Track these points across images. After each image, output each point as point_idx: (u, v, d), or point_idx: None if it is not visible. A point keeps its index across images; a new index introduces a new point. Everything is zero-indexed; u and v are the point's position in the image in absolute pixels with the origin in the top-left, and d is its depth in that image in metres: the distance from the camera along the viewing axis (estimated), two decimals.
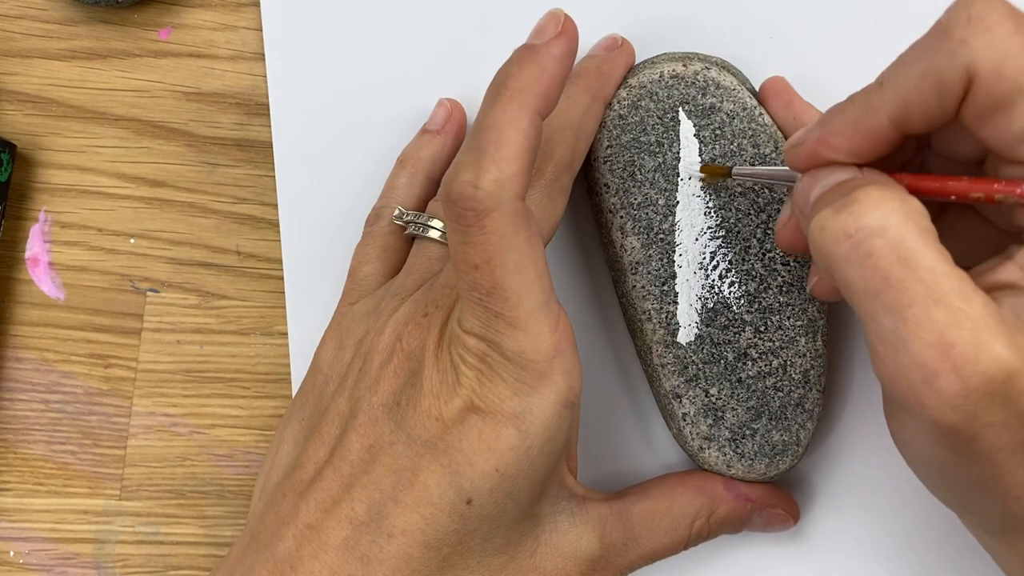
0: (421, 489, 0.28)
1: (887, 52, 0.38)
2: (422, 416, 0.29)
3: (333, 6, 0.40)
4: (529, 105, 0.27)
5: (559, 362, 0.28)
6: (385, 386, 0.30)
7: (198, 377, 0.40)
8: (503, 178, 0.26)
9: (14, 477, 0.40)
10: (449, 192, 0.27)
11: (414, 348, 0.30)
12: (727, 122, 0.35)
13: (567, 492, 0.31)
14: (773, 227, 0.34)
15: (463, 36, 0.39)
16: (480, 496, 0.28)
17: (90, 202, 0.41)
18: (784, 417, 0.35)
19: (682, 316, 0.35)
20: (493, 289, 0.27)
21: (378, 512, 0.28)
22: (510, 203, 0.27)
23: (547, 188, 0.32)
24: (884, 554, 0.37)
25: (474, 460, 0.28)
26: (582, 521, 0.31)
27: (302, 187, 0.39)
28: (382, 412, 0.30)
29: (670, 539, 0.33)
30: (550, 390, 0.28)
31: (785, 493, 0.36)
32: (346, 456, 0.29)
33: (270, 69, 0.40)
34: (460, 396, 0.28)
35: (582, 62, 0.36)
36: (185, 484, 0.40)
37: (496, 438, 0.28)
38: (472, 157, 0.27)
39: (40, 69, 0.41)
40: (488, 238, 0.27)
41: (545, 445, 0.28)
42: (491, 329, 0.27)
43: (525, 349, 0.27)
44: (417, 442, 0.28)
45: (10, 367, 0.40)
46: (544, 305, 0.28)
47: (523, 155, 0.27)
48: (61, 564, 0.40)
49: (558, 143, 0.33)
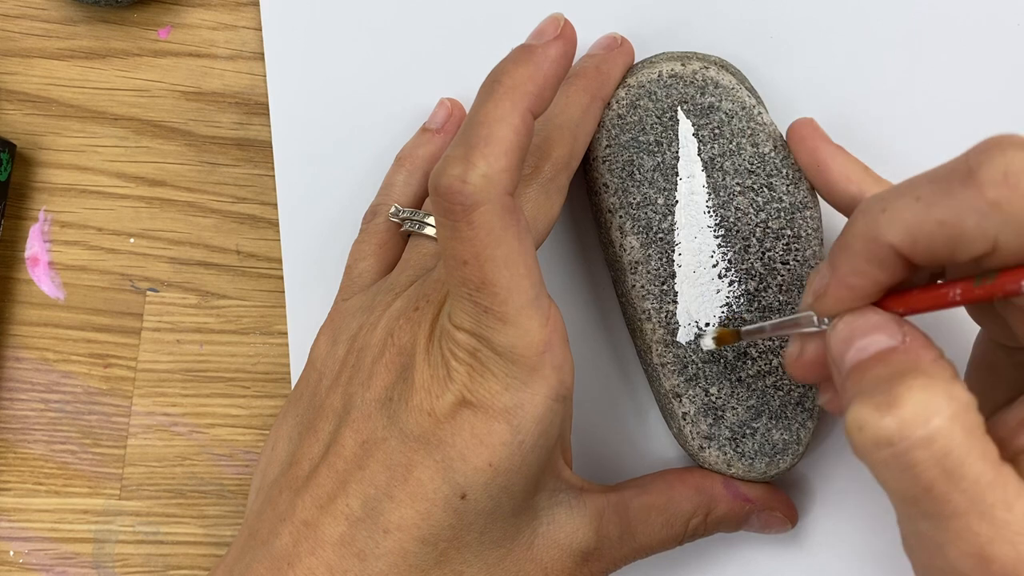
0: (415, 484, 0.28)
1: (887, 52, 0.38)
2: (414, 411, 0.29)
3: (333, 6, 0.40)
4: (522, 102, 0.27)
5: (549, 356, 0.28)
6: (378, 381, 0.30)
7: (198, 377, 0.40)
8: (491, 172, 0.26)
9: (14, 477, 0.40)
10: (437, 186, 0.27)
11: (405, 343, 0.30)
12: (726, 121, 0.35)
13: (564, 484, 0.31)
14: (772, 226, 0.34)
15: (463, 36, 0.39)
16: (474, 491, 0.28)
17: (90, 202, 0.41)
18: (784, 416, 0.35)
19: (682, 315, 0.35)
20: (482, 284, 0.27)
21: (373, 508, 0.28)
22: (499, 198, 0.27)
23: (544, 187, 0.32)
24: (884, 554, 0.37)
25: (467, 455, 0.28)
26: (579, 513, 0.32)
27: (302, 187, 0.39)
28: (375, 408, 0.30)
29: (666, 535, 0.33)
30: (541, 384, 0.28)
31: (784, 495, 0.36)
32: (340, 452, 0.30)
33: (270, 69, 0.40)
34: (451, 391, 0.28)
35: (581, 61, 0.36)
36: (185, 484, 0.40)
37: (488, 433, 0.28)
38: (461, 151, 0.27)
39: (40, 69, 0.41)
40: (476, 233, 0.27)
41: (538, 439, 0.28)
42: (481, 324, 0.28)
43: (515, 344, 0.28)
44: (410, 437, 0.29)
45: (10, 367, 0.41)
46: (534, 300, 0.28)
47: (513, 151, 0.27)
48: (61, 564, 0.40)
49: (556, 142, 0.33)
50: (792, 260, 0.35)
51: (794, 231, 0.34)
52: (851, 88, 0.38)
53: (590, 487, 0.32)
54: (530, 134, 0.28)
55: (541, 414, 0.28)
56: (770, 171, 0.35)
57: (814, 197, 0.35)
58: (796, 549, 0.38)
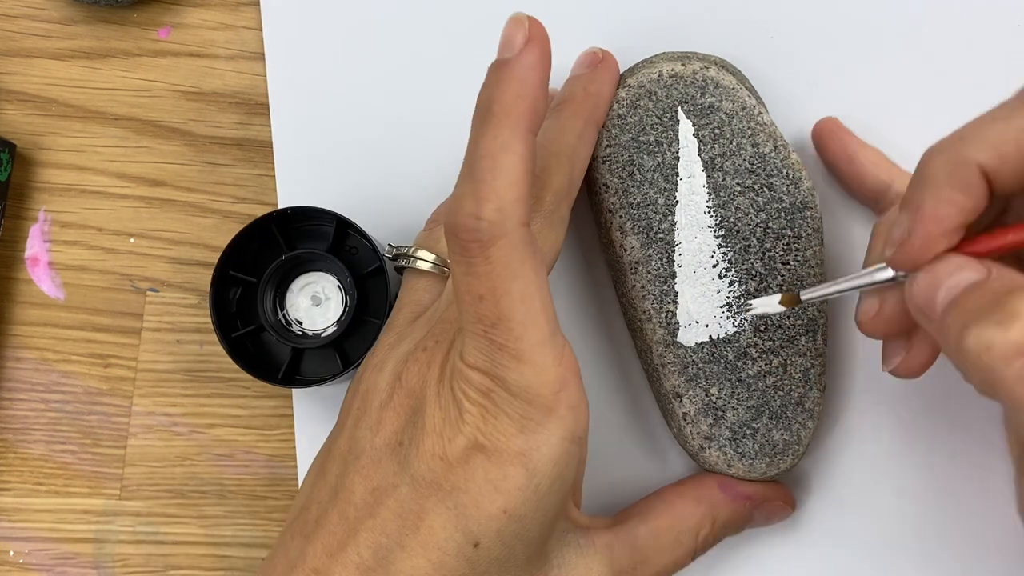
0: (427, 533, 0.27)
1: (887, 52, 0.38)
2: (426, 456, 0.28)
3: (333, 6, 0.40)
4: (520, 126, 0.27)
5: (565, 396, 0.27)
6: (387, 426, 0.29)
7: (198, 377, 0.40)
8: (504, 206, 0.26)
9: (14, 477, 0.40)
10: (453, 225, 0.26)
11: (414, 385, 0.29)
12: (726, 121, 0.35)
13: (571, 525, 0.31)
14: (772, 226, 0.34)
15: (462, 36, 0.39)
16: (488, 538, 0.27)
17: (90, 202, 0.41)
18: (784, 416, 0.35)
19: (682, 316, 0.35)
20: (498, 320, 0.26)
21: (384, 557, 0.28)
22: (515, 230, 0.26)
23: (547, 218, 0.32)
24: (884, 553, 0.37)
25: (480, 502, 0.27)
26: (590, 552, 0.31)
27: (302, 187, 0.39)
28: (385, 453, 0.29)
29: (678, 554, 0.33)
30: (557, 426, 0.27)
31: (778, 483, 0.36)
32: (350, 499, 0.29)
33: (270, 69, 0.40)
34: (464, 434, 0.27)
35: (567, 85, 0.35)
36: (185, 484, 0.40)
37: (503, 478, 0.27)
38: (471, 188, 0.26)
39: (40, 69, 0.41)
40: (493, 267, 0.26)
41: (553, 483, 0.28)
42: (495, 363, 0.27)
43: (531, 383, 0.27)
44: (422, 483, 0.28)
45: (10, 367, 0.41)
46: (549, 337, 0.27)
47: (522, 180, 0.26)
48: (61, 564, 0.40)
49: (554, 171, 0.32)
50: (792, 260, 0.35)
51: (794, 231, 0.34)
52: (851, 88, 0.38)
53: (595, 523, 0.32)
54: (534, 155, 0.27)
55: (557, 456, 0.27)
56: (770, 171, 0.35)
57: (814, 197, 0.35)
58: (797, 548, 0.38)
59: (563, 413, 0.27)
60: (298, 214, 0.36)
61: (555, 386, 0.27)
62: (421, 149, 0.39)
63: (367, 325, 0.36)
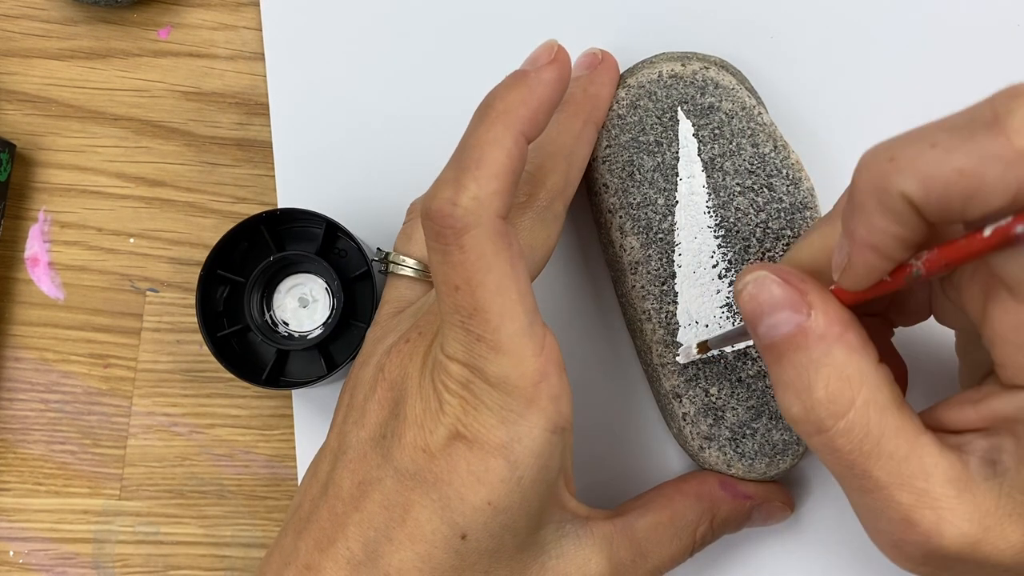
0: (413, 525, 0.28)
1: (887, 52, 0.38)
2: (408, 448, 0.28)
3: (333, 6, 0.40)
4: (514, 126, 0.27)
5: (545, 387, 0.27)
6: (371, 419, 0.29)
7: (198, 377, 0.40)
8: (482, 195, 0.26)
9: (14, 477, 0.40)
10: (428, 210, 0.26)
11: (396, 377, 0.29)
12: (726, 121, 0.35)
13: (570, 515, 0.31)
14: (772, 227, 0.34)
15: (462, 36, 0.39)
16: (474, 531, 0.27)
17: (90, 202, 0.41)
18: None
19: (682, 316, 0.35)
20: (474, 311, 0.26)
21: (374, 551, 0.28)
22: (489, 221, 0.26)
23: (539, 215, 0.32)
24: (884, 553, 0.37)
25: (464, 494, 0.27)
26: (588, 543, 0.31)
27: (302, 187, 0.39)
28: (370, 446, 0.29)
29: (676, 549, 0.33)
30: (538, 417, 0.27)
31: (778, 483, 0.36)
32: (338, 494, 0.29)
33: (270, 69, 0.40)
34: (444, 425, 0.27)
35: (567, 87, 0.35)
36: (185, 484, 0.40)
37: (485, 470, 0.27)
38: (452, 174, 0.26)
39: (40, 69, 0.41)
40: (467, 257, 0.26)
41: (537, 474, 0.28)
42: (474, 354, 0.27)
43: (509, 374, 0.27)
44: (405, 475, 0.28)
45: (10, 367, 0.41)
46: (527, 327, 0.27)
47: (505, 174, 0.26)
48: (61, 564, 0.40)
49: (550, 170, 0.32)
50: None
51: (794, 231, 0.34)
52: (851, 88, 0.38)
53: (594, 514, 0.32)
54: (523, 158, 0.27)
55: (539, 448, 0.27)
56: (770, 171, 0.35)
57: (814, 197, 0.35)
58: (797, 548, 0.38)
59: (544, 404, 0.27)
60: (288, 215, 0.36)
61: (535, 377, 0.27)
62: (422, 149, 0.39)
63: (353, 328, 0.36)
